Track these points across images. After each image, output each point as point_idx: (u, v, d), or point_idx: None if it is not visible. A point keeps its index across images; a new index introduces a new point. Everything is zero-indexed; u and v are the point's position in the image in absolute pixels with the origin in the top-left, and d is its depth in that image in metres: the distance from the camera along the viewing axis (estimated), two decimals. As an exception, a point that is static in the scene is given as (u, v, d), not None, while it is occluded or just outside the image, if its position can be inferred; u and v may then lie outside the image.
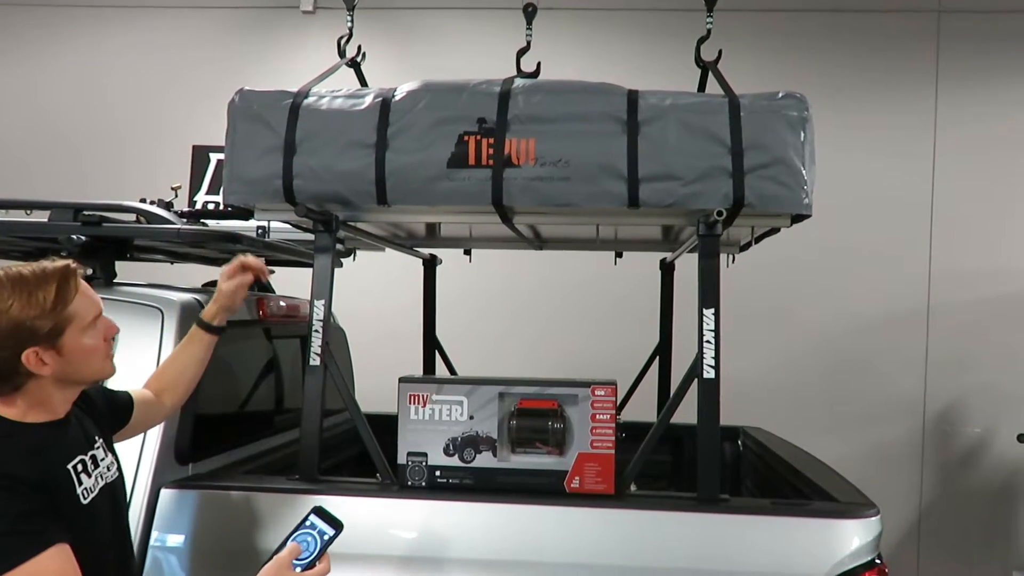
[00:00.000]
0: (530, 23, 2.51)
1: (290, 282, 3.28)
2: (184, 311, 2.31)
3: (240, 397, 2.74)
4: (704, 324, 2.08)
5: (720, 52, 2.35)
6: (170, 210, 2.74)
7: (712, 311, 2.08)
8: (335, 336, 3.11)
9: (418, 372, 3.43)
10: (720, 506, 2.04)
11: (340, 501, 2.08)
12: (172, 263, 3.15)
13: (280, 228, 2.68)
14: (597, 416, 2.10)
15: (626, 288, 4.22)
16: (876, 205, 4.91)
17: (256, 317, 2.73)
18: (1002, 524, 4.87)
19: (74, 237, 2.34)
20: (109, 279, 2.43)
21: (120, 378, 1.90)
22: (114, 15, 5.36)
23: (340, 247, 2.86)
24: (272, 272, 2.38)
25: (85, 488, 1.61)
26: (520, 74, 2.37)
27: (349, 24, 2.63)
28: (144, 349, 2.23)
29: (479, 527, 2.04)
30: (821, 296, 4.96)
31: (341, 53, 2.61)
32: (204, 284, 2.88)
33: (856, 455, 4.49)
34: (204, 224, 2.80)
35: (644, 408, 3.14)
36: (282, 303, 2.91)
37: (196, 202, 3.22)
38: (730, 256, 2.88)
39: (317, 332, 2.22)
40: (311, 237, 2.33)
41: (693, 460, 2.11)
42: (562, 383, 2.15)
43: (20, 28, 5.39)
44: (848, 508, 2.02)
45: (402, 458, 2.15)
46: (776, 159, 2.05)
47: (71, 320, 1.58)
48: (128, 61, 5.33)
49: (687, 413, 2.14)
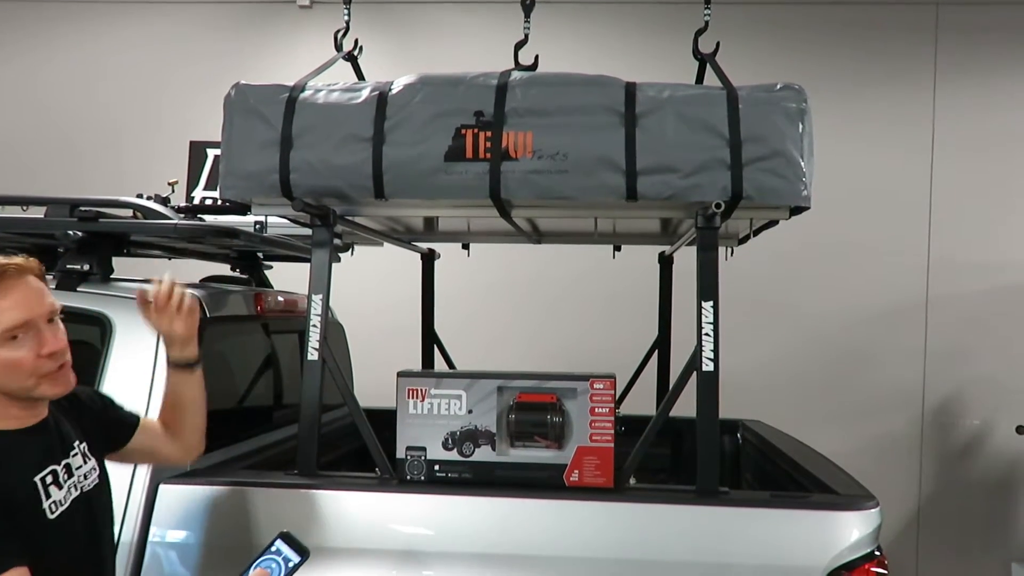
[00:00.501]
0: (528, 16, 2.50)
1: (288, 277, 3.28)
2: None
3: (239, 392, 2.74)
4: (703, 317, 2.08)
5: (718, 44, 2.34)
6: (167, 205, 2.73)
7: (711, 304, 2.08)
8: (333, 331, 3.12)
9: (417, 366, 3.43)
10: (719, 499, 2.04)
11: (339, 496, 2.08)
12: (170, 259, 3.14)
13: (277, 223, 2.67)
14: (596, 410, 2.09)
15: (625, 281, 4.21)
16: (874, 197, 4.91)
17: (254, 312, 2.72)
18: (1001, 515, 4.88)
19: (70, 233, 2.33)
20: (106, 275, 2.42)
21: (118, 375, 1.89)
22: (110, 10, 5.34)
23: (338, 242, 2.86)
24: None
25: (54, 501, 1.50)
26: (518, 67, 2.36)
27: (346, 18, 2.62)
28: (141, 347, 2.21)
29: (478, 521, 2.04)
30: (820, 289, 4.95)
31: (338, 47, 2.61)
32: (202, 280, 2.87)
33: (855, 447, 4.49)
34: (201, 219, 2.79)
35: (643, 401, 3.13)
36: (280, 298, 2.91)
37: (193, 198, 3.21)
38: (729, 249, 2.87)
39: (315, 327, 2.22)
40: (309, 232, 2.32)
41: (692, 453, 2.11)
42: (561, 377, 2.14)
43: (16, 23, 5.37)
44: (847, 500, 2.02)
45: (401, 452, 2.14)
46: (775, 151, 2.04)
47: None
48: (125, 56, 5.32)
49: (686, 406, 2.13)
